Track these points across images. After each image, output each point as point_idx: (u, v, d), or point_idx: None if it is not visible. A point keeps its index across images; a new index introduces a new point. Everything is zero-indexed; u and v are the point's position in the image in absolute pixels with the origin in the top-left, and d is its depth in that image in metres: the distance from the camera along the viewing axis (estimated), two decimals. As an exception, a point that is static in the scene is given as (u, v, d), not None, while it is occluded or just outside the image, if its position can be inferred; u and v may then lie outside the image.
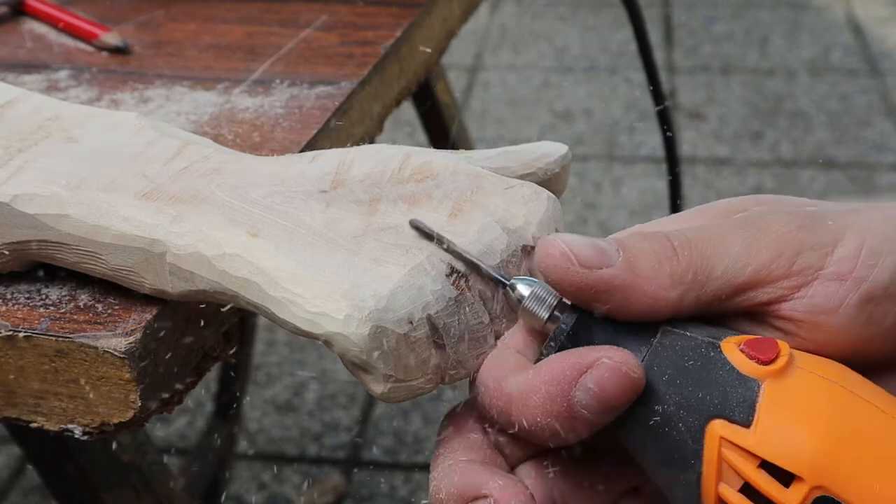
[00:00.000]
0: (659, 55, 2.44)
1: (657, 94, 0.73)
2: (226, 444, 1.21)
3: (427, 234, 0.37)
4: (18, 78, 0.57)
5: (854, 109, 2.25)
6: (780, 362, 0.33)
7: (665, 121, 0.74)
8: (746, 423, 0.33)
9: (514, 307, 0.37)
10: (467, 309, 0.37)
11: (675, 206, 0.80)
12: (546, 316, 0.36)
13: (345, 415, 1.51)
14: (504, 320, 0.38)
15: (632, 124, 2.21)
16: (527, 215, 0.39)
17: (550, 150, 0.42)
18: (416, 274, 0.36)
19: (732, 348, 0.34)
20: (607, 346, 0.34)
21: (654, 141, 2.12)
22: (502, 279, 0.36)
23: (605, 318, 0.35)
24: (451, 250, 0.37)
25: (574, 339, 0.35)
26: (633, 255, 0.35)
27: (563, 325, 0.35)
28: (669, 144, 0.76)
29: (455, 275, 0.37)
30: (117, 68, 0.59)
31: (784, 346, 0.34)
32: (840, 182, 2.04)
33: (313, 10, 0.65)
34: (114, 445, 0.53)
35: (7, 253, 0.41)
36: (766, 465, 0.32)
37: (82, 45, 0.61)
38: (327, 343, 0.35)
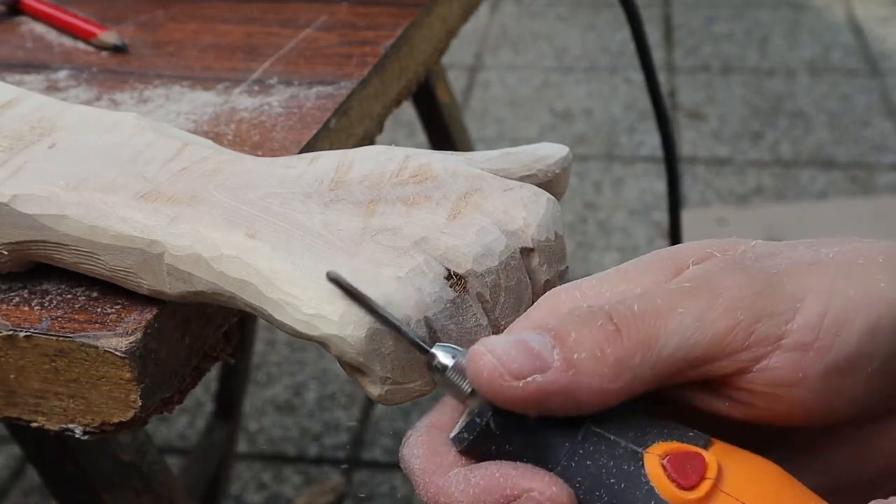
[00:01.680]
0: (659, 55, 2.44)
1: (655, 96, 0.73)
2: (226, 444, 1.21)
3: (346, 290, 0.34)
4: (18, 78, 0.58)
5: (854, 109, 2.25)
6: (704, 488, 0.31)
7: (664, 122, 0.74)
8: None
9: (435, 377, 0.34)
10: (465, 311, 0.37)
11: (675, 205, 0.80)
12: (469, 390, 0.33)
13: (345, 415, 1.51)
14: (502, 323, 0.38)
15: (632, 124, 2.21)
16: (526, 217, 0.39)
17: (551, 152, 0.42)
18: (413, 276, 0.36)
19: (655, 463, 0.31)
20: (534, 473, 0.31)
21: (654, 141, 2.12)
22: (424, 346, 0.34)
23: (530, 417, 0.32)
24: (371, 310, 0.34)
25: (489, 434, 0.32)
26: (570, 350, 0.31)
27: (478, 420, 0.32)
28: (668, 144, 0.76)
29: (453, 277, 0.37)
30: (117, 68, 0.59)
31: (712, 464, 0.31)
32: (840, 182, 2.04)
33: (313, 10, 0.65)
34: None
35: (6, 253, 0.41)
36: None
37: (82, 45, 0.61)
38: (324, 345, 0.35)
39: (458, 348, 0.34)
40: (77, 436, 0.41)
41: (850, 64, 2.42)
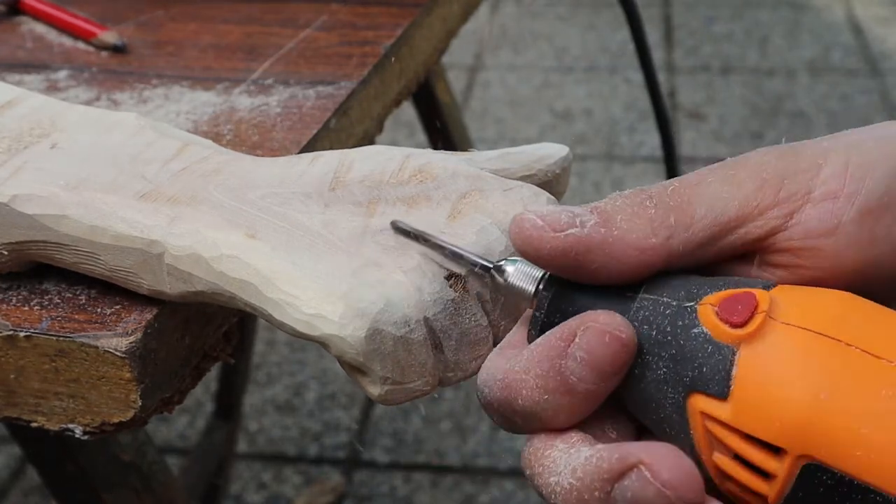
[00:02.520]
0: (659, 55, 2.44)
1: (655, 96, 0.73)
2: (226, 444, 1.21)
3: (408, 234, 0.37)
4: (18, 78, 0.58)
5: (854, 109, 2.25)
6: (756, 321, 0.32)
7: (664, 122, 0.74)
8: (723, 396, 0.31)
9: (502, 290, 0.36)
10: (465, 311, 0.37)
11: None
12: (532, 290, 0.35)
13: (345, 415, 1.51)
14: (502, 323, 0.38)
15: (632, 124, 2.21)
16: (526, 216, 0.39)
17: (551, 152, 0.42)
18: (414, 276, 0.36)
19: (709, 312, 0.32)
20: (591, 311, 0.33)
21: (654, 141, 2.12)
22: (486, 262, 0.36)
23: (588, 287, 0.34)
24: (432, 244, 0.36)
25: (557, 310, 0.34)
26: (606, 212, 0.34)
27: (545, 294, 0.34)
28: (668, 144, 0.76)
29: (453, 277, 0.37)
30: (117, 68, 0.59)
31: (763, 300, 0.32)
32: (840, 182, 2.03)
33: (313, 10, 0.65)
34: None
35: (6, 253, 0.41)
36: (750, 437, 0.31)
37: (82, 45, 0.61)
38: (324, 345, 0.35)
39: (520, 258, 0.35)
40: (77, 436, 0.41)
41: (850, 64, 2.42)
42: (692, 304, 0.33)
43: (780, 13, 2.69)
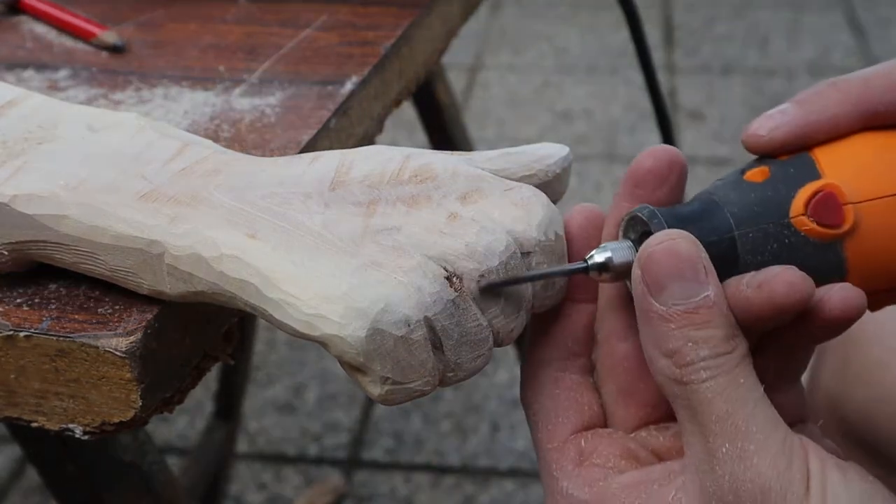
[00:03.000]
0: (659, 55, 2.44)
1: (656, 96, 0.73)
2: (226, 444, 1.21)
3: (498, 285, 0.37)
4: (18, 78, 0.58)
5: (854, 109, 2.24)
6: (848, 216, 0.36)
7: (664, 123, 0.74)
8: (842, 277, 0.36)
9: (603, 276, 0.38)
10: (465, 311, 0.37)
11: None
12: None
13: (345, 415, 1.51)
14: (504, 320, 0.38)
15: (632, 124, 2.21)
16: (526, 217, 0.39)
17: (551, 152, 0.42)
18: (414, 276, 0.36)
19: (805, 224, 0.36)
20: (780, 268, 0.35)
21: (654, 141, 2.11)
22: (580, 266, 0.38)
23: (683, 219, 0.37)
24: (521, 280, 0.37)
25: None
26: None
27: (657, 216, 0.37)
28: (669, 145, 0.76)
29: (453, 277, 0.37)
30: (117, 68, 0.59)
31: (839, 192, 0.36)
32: (840, 182, 2.04)
33: (313, 10, 0.65)
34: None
35: (6, 253, 0.41)
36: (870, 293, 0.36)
37: (82, 45, 0.61)
38: (324, 345, 0.35)
39: (603, 246, 0.38)
40: (77, 436, 0.41)
41: (850, 64, 2.42)
42: (786, 219, 0.37)
43: (780, 13, 2.69)
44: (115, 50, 0.61)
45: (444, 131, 1.06)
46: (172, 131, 0.45)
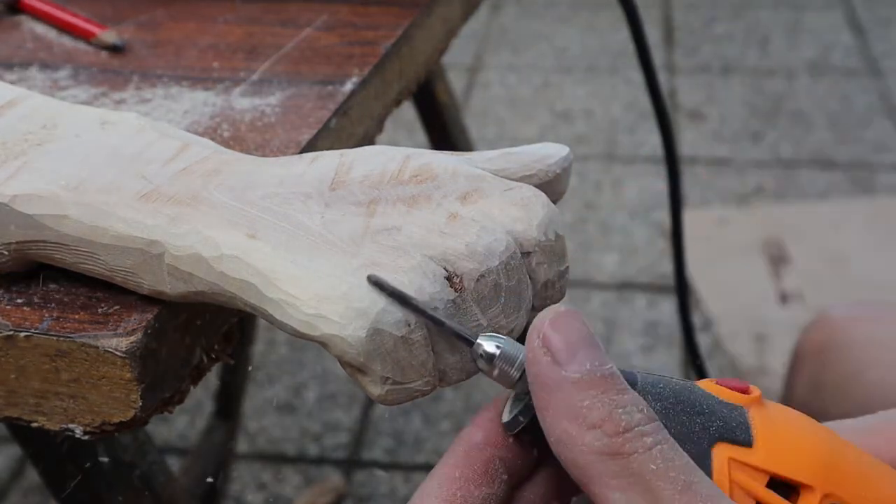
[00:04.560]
0: (659, 55, 2.44)
1: (656, 96, 0.73)
2: (226, 444, 1.21)
3: (387, 291, 0.35)
4: (19, 77, 0.58)
5: (854, 109, 2.25)
6: (755, 392, 0.35)
7: (664, 122, 0.74)
8: (748, 444, 0.33)
9: (481, 365, 0.35)
10: (465, 311, 0.37)
11: (677, 205, 0.80)
12: (517, 376, 0.35)
13: (345, 415, 1.51)
14: (504, 320, 0.38)
15: (632, 124, 2.21)
16: (526, 217, 0.39)
17: (551, 152, 0.42)
18: (414, 276, 0.36)
19: (710, 385, 0.35)
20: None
21: (654, 141, 2.12)
22: (469, 337, 0.35)
23: None
24: (415, 309, 0.35)
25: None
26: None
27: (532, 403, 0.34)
28: (669, 144, 0.76)
29: (453, 277, 0.37)
30: (117, 68, 0.59)
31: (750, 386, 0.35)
32: (840, 182, 2.04)
33: (313, 10, 0.65)
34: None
35: (6, 253, 0.41)
36: (773, 484, 0.33)
37: (82, 45, 0.61)
38: (324, 345, 0.35)
39: (500, 336, 0.35)
40: (77, 436, 0.41)
41: (850, 64, 2.42)
42: (690, 382, 0.35)
43: (780, 13, 2.69)
44: (114, 49, 0.61)
45: (444, 131, 1.06)
46: (172, 131, 0.45)
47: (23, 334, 0.39)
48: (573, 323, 0.32)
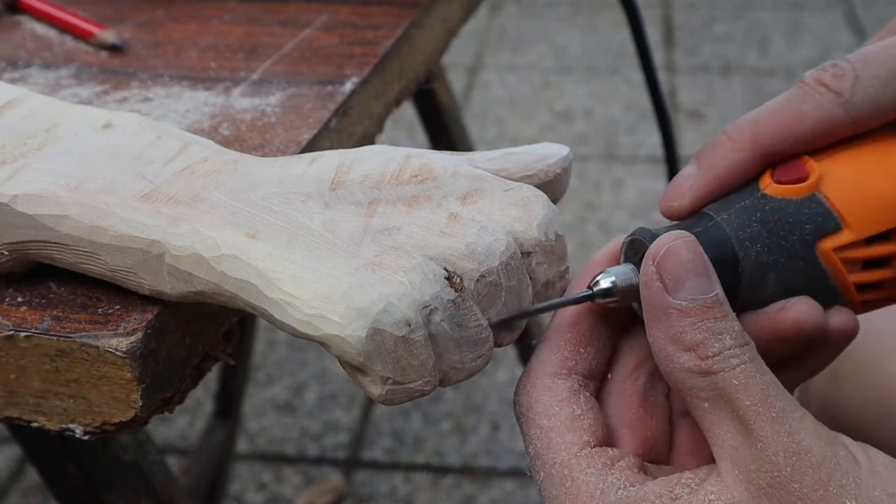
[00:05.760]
0: (659, 55, 2.44)
1: (656, 96, 0.73)
2: (226, 444, 1.21)
3: (506, 321, 0.38)
4: (19, 77, 0.58)
5: (854, 109, 2.24)
6: (814, 170, 0.38)
7: (664, 122, 0.74)
8: (839, 227, 0.38)
9: (609, 301, 0.38)
10: (466, 311, 0.37)
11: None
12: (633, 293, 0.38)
13: (345, 415, 1.51)
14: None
15: (632, 124, 2.21)
16: (526, 217, 0.39)
17: (551, 152, 0.42)
18: (414, 276, 0.36)
19: (774, 188, 0.38)
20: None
21: (654, 141, 2.12)
22: (585, 294, 0.38)
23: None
24: (530, 313, 0.38)
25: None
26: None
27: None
28: (669, 144, 0.76)
29: (454, 277, 0.37)
30: (118, 68, 0.59)
31: (802, 158, 0.39)
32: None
33: (313, 10, 0.65)
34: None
35: (6, 253, 0.41)
36: (869, 239, 0.38)
37: (83, 45, 0.61)
38: (325, 345, 0.35)
39: (608, 271, 0.38)
40: (77, 436, 0.41)
41: (850, 64, 2.41)
42: (754, 190, 0.39)
43: (780, 13, 2.69)
44: (114, 49, 0.61)
45: (444, 131, 1.06)
46: (173, 131, 0.45)
47: (23, 334, 0.39)
48: (685, 252, 0.36)
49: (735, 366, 0.35)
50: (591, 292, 0.38)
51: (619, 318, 0.41)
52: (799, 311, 0.38)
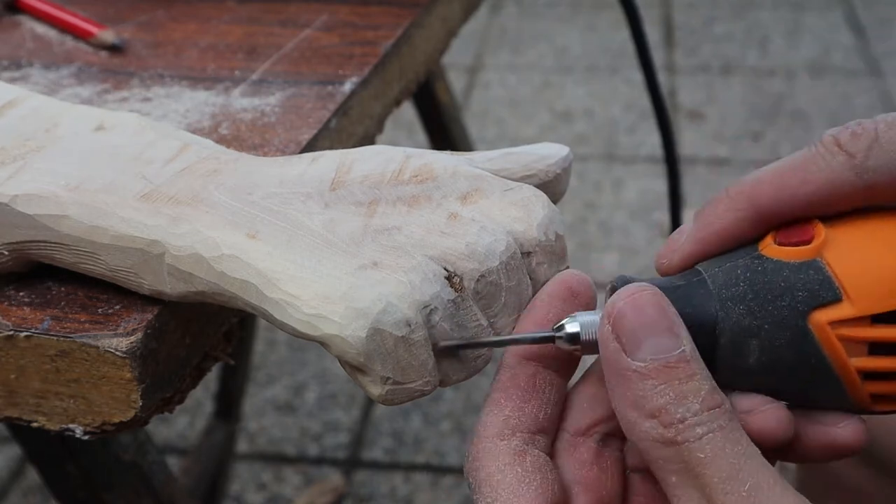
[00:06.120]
0: (659, 55, 2.44)
1: (656, 96, 0.73)
2: (226, 444, 1.21)
3: (454, 348, 0.36)
4: (19, 77, 0.58)
5: (854, 109, 2.25)
6: (820, 234, 0.34)
7: (664, 122, 0.74)
8: (838, 298, 0.33)
9: (572, 349, 0.36)
10: (466, 311, 0.37)
11: (676, 205, 0.80)
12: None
13: (345, 415, 1.51)
14: (504, 320, 0.38)
15: (632, 124, 2.21)
16: (526, 217, 0.39)
17: (551, 152, 0.42)
18: (414, 276, 0.36)
19: (772, 249, 0.35)
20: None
21: (654, 141, 2.12)
22: (547, 335, 0.36)
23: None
24: (481, 344, 0.37)
25: None
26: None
27: None
28: (669, 144, 0.76)
29: (454, 277, 0.37)
30: (118, 68, 0.59)
31: (812, 221, 0.35)
32: (840, 182, 2.03)
33: (313, 10, 0.65)
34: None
35: (6, 253, 0.41)
36: (876, 318, 0.33)
37: (83, 45, 0.61)
38: (325, 345, 0.35)
39: (574, 316, 0.36)
40: (77, 436, 0.41)
41: (850, 64, 2.42)
42: (753, 250, 0.35)
43: (780, 13, 2.69)
44: (113, 49, 0.61)
45: (444, 131, 1.06)
46: (173, 131, 0.45)
47: (23, 334, 0.39)
48: (643, 307, 0.33)
49: (701, 435, 0.32)
50: (551, 334, 0.36)
51: (567, 367, 0.38)
52: (764, 420, 0.34)
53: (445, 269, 0.37)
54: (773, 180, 0.36)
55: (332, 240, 0.37)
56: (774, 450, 0.35)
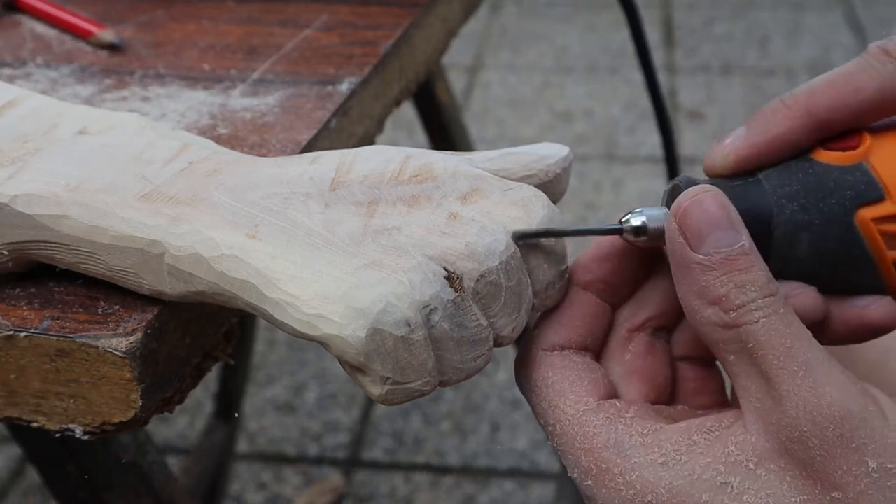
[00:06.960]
0: (659, 55, 2.44)
1: (656, 96, 0.73)
2: (226, 444, 1.21)
3: (530, 235, 0.38)
4: (19, 76, 0.58)
5: (854, 109, 2.24)
6: (867, 140, 0.38)
7: (664, 122, 0.74)
8: (881, 197, 0.37)
9: (638, 240, 0.39)
10: (465, 311, 0.37)
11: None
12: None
13: (345, 415, 1.51)
14: (504, 320, 0.38)
15: (632, 124, 2.21)
16: (526, 217, 0.39)
17: (551, 152, 0.42)
18: (414, 276, 0.36)
19: (822, 154, 0.38)
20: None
21: (654, 141, 2.12)
22: (614, 227, 0.39)
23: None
24: (558, 233, 0.39)
25: None
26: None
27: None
28: (669, 144, 0.76)
29: (454, 277, 0.37)
30: (117, 68, 0.59)
31: (860, 130, 0.38)
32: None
33: (313, 10, 0.65)
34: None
35: (6, 253, 0.41)
36: None
37: (82, 45, 0.61)
38: (325, 345, 0.35)
39: (639, 210, 0.39)
40: (77, 436, 0.41)
41: (850, 64, 2.41)
42: (806, 154, 0.38)
43: (780, 13, 2.69)
44: (112, 49, 0.61)
45: (444, 131, 1.06)
46: (172, 131, 0.45)
47: (23, 334, 0.39)
48: (707, 205, 0.36)
49: (758, 319, 0.35)
50: (619, 226, 0.39)
51: (615, 291, 0.42)
52: (800, 301, 0.38)
53: (445, 269, 0.37)
54: (827, 90, 0.38)
55: (332, 240, 0.37)
56: (808, 329, 0.37)
